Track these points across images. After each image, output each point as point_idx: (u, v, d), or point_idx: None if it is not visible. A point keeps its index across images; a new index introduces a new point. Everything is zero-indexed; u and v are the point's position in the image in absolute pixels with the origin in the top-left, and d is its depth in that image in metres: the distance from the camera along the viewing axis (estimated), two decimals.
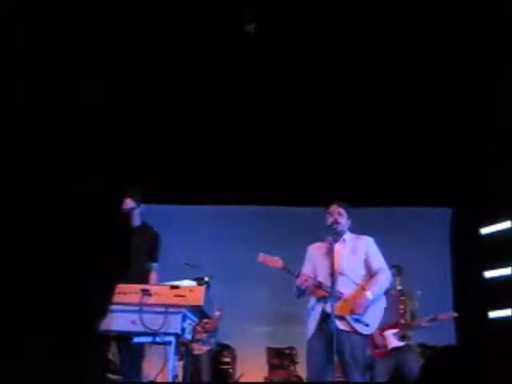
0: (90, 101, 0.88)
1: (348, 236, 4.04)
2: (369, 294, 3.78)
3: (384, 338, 5.26)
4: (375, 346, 5.31)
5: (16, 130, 0.76)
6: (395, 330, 5.28)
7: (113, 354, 4.20)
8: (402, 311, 5.40)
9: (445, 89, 5.80)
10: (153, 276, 4.24)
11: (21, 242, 0.74)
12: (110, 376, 4.56)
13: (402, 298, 5.48)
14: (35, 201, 0.77)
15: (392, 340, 5.27)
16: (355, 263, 3.91)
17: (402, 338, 5.26)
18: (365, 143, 6.71)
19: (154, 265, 4.28)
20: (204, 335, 6.32)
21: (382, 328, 5.19)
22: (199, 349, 6.24)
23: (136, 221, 4.27)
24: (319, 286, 3.78)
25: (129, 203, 4.18)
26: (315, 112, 6.35)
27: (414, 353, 5.31)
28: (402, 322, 5.34)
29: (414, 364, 5.16)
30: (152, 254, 4.26)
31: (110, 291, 0.90)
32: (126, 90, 5.40)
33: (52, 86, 0.79)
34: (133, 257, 4.05)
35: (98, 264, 0.82)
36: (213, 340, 6.55)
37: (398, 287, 5.53)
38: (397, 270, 5.47)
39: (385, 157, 6.87)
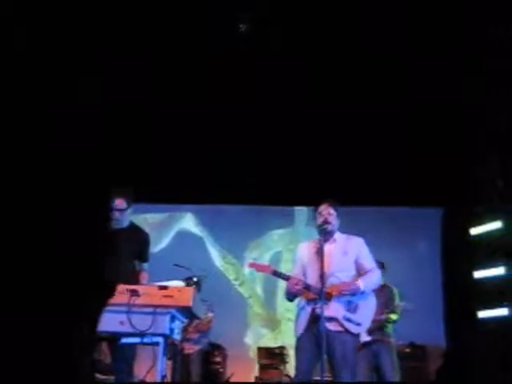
0: (90, 101, 0.87)
1: (338, 236, 4.02)
2: (360, 283, 3.78)
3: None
4: None
5: (16, 130, 0.76)
6: None
7: (104, 354, 4.17)
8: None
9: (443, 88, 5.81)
10: (143, 276, 4.21)
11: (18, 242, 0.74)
12: (100, 376, 4.53)
13: (381, 293, 5.41)
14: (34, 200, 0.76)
15: (363, 335, 5.23)
16: (346, 264, 3.90)
17: (370, 332, 5.23)
18: (358, 142, 6.72)
19: (144, 265, 4.25)
20: (196, 335, 6.31)
21: None
22: (190, 348, 6.23)
23: (124, 222, 4.19)
24: (308, 288, 3.78)
25: (120, 204, 4.09)
26: (311, 111, 6.36)
27: (387, 346, 5.34)
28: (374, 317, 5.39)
29: (386, 357, 5.26)
30: (141, 255, 4.22)
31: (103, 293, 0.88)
32: (127, 89, 5.37)
33: (52, 86, 0.79)
34: (122, 258, 4.02)
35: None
36: (205, 340, 6.53)
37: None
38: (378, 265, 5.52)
39: (377, 156, 6.89)
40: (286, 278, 3.86)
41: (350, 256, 3.92)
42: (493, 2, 4.82)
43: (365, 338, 5.30)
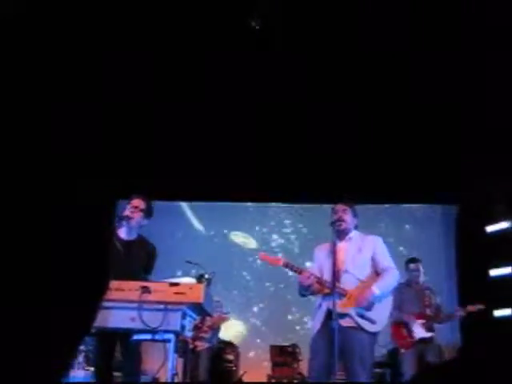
0: (91, 99, 0.85)
1: (355, 234, 4.01)
2: (375, 289, 3.73)
3: (409, 327, 5.22)
4: (401, 336, 5.29)
5: (16, 129, 0.73)
6: (422, 321, 5.23)
7: (116, 351, 4.15)
8: (427, 303, 5.40)
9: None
10: None
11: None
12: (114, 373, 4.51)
13: (427, 290, 5.51)
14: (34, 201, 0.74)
15: (419, 330, 5.21)
16: (361, 261, 3.87)
17: (429, 329, 5.23)
18: (373, 141, 6.67)
19: (149, 277, 4.18)
20: (208, 333, 6.28)
21: (406, 319, 5.27)
22: (201, 345, 6.20)
23: (133, 231, 4.09)
24: (321, 282, 3.75)
25: (140, 203, 4.03)
26: (323, 113, 6.32)
27: (437, 346, 5.31)
28: (429, 313, 5.33)
29: (436, 357, 5.18)
30: (147, 267, 4.12)
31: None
32: (130, 87, 5.41)
33: (51, 86, 0.77)
34: (132, 269, 3.97)
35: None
36: (214, 338, 6.50)
37: (421, 280, 5.61)
38: (418, 263, 5.62)
39: (392, 154, 6.83)
40: (299, 271, 3.84)
41: (364, 253, 3.90)
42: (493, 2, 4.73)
43: (424, 334, 5.21)
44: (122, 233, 4.04)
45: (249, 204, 8.41)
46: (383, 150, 6.79)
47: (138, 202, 4.03)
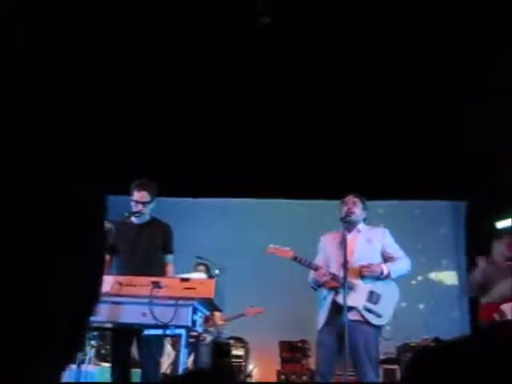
0: (94, 98, 0.85)
1: (363, 227, 4.02)
2: (384, 266, 3.76)
3: (502, 312, 4.65)
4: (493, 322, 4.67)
5: (16, 129, 0.74)
6: None
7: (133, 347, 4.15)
8: None
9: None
10: (169, 268, 4.19)
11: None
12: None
13: None
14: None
15: None
16: (370, 253, 3.89)
17: None
18: (381, 138, 6.66)
19: (170, 257, 4.22)
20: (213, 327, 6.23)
21: (499, 302, 4.70)
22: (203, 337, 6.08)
23: (145, 216, 4.15)
24: (334, 278, 3.75)
25: (143, 197, 4.09)
26: (329, 108, 6.31)
27: None
28: None
29: None
30: (166, 247, 4.19)
31: None
32: (132, 86, 5.43)
33: (51, 85, 0.77)
34: (148, 252, 4.03)
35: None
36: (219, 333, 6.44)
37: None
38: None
39: (400, 150, 6.81)
40: (315, 268, 3.84)
41: (374, 245, 3.91)
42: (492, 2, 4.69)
43: None
44: (134, 218, 4.10)
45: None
46: (391, 146, 6.77)
47: (141, 196, 4.08)
